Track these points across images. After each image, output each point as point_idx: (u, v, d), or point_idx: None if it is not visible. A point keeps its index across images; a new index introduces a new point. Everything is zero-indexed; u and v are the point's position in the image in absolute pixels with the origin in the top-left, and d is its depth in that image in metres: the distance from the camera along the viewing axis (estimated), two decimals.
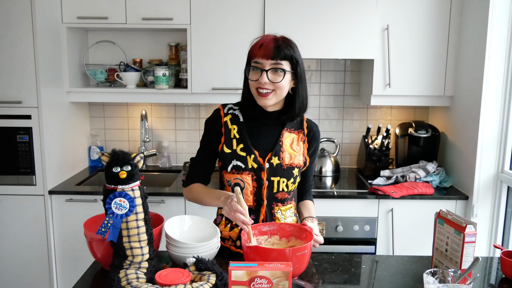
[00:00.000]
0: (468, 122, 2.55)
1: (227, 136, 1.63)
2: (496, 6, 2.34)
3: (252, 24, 2.64)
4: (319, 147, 1.77)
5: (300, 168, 1.67)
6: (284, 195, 1.65)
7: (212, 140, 1.66)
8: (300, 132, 1.67)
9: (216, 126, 1.65)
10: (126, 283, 1.29)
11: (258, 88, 1.54)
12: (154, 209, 2.06)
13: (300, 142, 1.67)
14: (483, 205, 2.50)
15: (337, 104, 3.12)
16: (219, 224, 1.72)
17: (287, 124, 1.65)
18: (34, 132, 2.49)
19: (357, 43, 2.64)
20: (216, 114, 1.68)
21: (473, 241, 1.37)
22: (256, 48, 1.54)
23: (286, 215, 1.67)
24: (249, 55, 1.58)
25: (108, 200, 1.34)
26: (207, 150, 1.68)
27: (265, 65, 1.52)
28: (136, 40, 3.01)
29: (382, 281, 1.48)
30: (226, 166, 1.62)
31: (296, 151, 1.65)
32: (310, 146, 1.70)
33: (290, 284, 1.15)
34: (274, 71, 1.52)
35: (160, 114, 3.13)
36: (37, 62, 2.43)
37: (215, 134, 1.66)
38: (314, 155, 1.73)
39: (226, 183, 1.65)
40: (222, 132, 1.64)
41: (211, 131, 1.67)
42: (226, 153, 1.62)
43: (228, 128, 1.64)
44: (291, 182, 1.64)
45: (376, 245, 2.61)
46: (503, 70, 2.40)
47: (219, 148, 1.64)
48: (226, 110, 1.67)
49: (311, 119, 1.74)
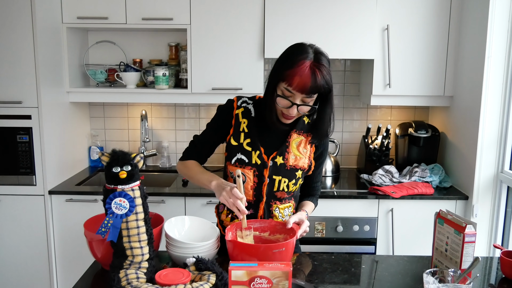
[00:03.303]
0: (468, 122, 2.55)
1: (236, 128, 1.64)
2: (496, 6, 2.34)
3: (252, 24, 2.64)
4: (327, 152, 1.75)
5: (304, 171, 1.66)
6: (284, 195, 1.66)
7: (220, 127, 1.67)
8: (309, 136, 1.67)
9: (227, 116, 1.66)
10: (126, 283, 1.29)
11: (284, 113, 1.53)
12: (154, 209, 2.06)
13: (307, 145, 1.66)
14: (483, 205, 2.51)
15: (337, 104, 3.12)
16: (221, 213, 1.71)
17: (297, 126, 1.65)
18: (34, 132, 2.49)
19: (357, 43, 2.64)
20: (229, 104, 1.67)
21: (473, 241, 1.37)
22: (295, 76, 1.44)
23: (284, 214, 1.68)
24: (282, 72, 1.48)
25: (108, 200, 1.34)
26: (212, 134, 1.69)
27: (296, 98, 1.48)
28: (136, 40, 3.01)
29: (382, 281, 1.48)
30: (230, 158, 1.63)
31: (303, 153, 1.65)
32: (317, 150, 1.69)
33: (290, 284, 1.15)
34: (304, 102, 1.50)
35: (160, 114, 3.13)
36: (37, 62, 2.43)
37: (224, 123, 1.66)
38: (321, 159, 1.72)
39: (229, 174, 1.66)
40: (232, 124, 1.65)
41: (220, 119, 1.68)
42: (233, 145, 1.63)
43: (238, 121, 1.64)
44: (293, 183, 1.64)
45: (376, 245, 2.61)
46: (503, 70, 2.40)
47: (227, 139, 1.65)
48: (240, 103, 1.66)
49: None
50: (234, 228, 1.51)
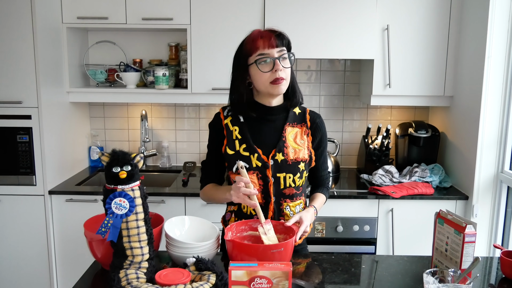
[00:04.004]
0: (468, 122, 2.55)
1: (229, 138, 1.64)
2: (496, 6, 2.34)
3: (252, 24, 2.64)
4: (327, 137, 1.75)
5: (306, 162, 1.65)
6: (292, 191, 1.64)
7: (216, 144, 1.68)
8: (303, 126, 1.67)
9: (218, 130, 1.67)
10: (126, 283, 1.29)
11: (272, 78, 1.54)
12: (154, 209, 2.06)
13: (304, 136, 1.66)
14: (483, 205, 2.51)
15: (337, 104, 3.12)
16: (229, 221, 1.70)
17: (289, 119, 1.65)
18: (34, 132, 2.49)
19: (357, 43, 2.64)
20: (216, 118, 1.69)
21: (473, 241, 1.37)
22: (258, 40, 1.54)
23: (295, 211, 1.66)
24: (247, 51, 1.57)
25: (108, 200, 1.34)
26: (214, 153, 1.70)
27: (273, 54, 1.53)
28: (136, 40, 3.02)
29: (382, 281, 1.48)
30: (231, 167, 1.64)
31: (301, 145, 1.64)
32: (315, 138, 1.68)
33: (290, 284, 1.15)
34: (283, 58, 1.54)
35: (160, 114, 3.13)
36: (37, 62, 2.43)
37: (218, 138, 1.67)
38: (321, 146, 1.71)
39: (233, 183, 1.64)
40: (224, 135, 1.65)
41: (214, 135, 1.69)
42: (230, 155, 1.63)
43: (229, 130, 1.65)
44: (298, 177, 1.63)
45: (376, 245, 2.61)
46: (503, 70, 2.40)
47: (222, 150, 1.65)
48: (226, 113, 1.68)
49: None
50: (234, 227, 1.51)
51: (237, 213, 1.67)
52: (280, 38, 1.55)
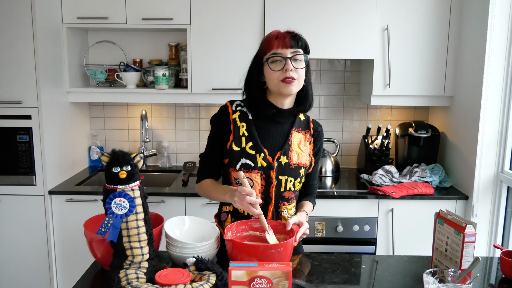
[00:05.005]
0: (468, 122, 2.55)
1: (236, 133, 1.61)
2: (496, 6, 2.34)
3: (252, 24, 2.64)
4: (322, 149, 1.77)
5: (306, 169, 1.66)
6: (291, 195, 1.65)
7: (220, 138, 1.64)
8: (307, 133, 1.68)
9: (224, 124, 1.63)
10: (126, 283, 1.29)
11: (282, 77, 1.54)
12: (154, 209, 2.06)
13: (307, 142, 1.67)
14: (483, 205, 2.51)
15: (337, 104, 3.13)
16: (225, 221, 1.70)
17: (296, 124, 1.66)
18: (34, 132, 2.49)
19: (357, 43, 2.64)
20: (223, 111, 1.65)
21: (473, 241, 1.37)
22: (272, 40, 1.55)
23: (292, 214, 1.67)
24: (262, 51, 1.58)
25: (108, 200, 1.34)
26: (215, 147, 1.66)
27: (286, 54, 1.54)
28: (136, 40, 3.02)
29: (382, 281, 1.48)
30: (234, 164, 1.60)
31: (303, 151, 1.65)
32: (315, 146, 1.70)
33: (290, 284, 1.15)
34: (295, 59, 1.55)
35: (160, 114, 3.13)
36: (37, 62, 2.43)
37: (223, 132, 1.63)
38: (318, 155, 1.73)
39: (234, 181, 1.63)
40: (230, 130, 1.62)
41: (218, 129, 1.65)
42: (235, 151, 1.60)
43: (237, 126, 1.62)
44: (298, 181, 1.64)
45: (376, 245, 2.61)
46: (503, 70, 2.40)
47: (228, 145, 1.62)
48: (234, 107, 1.65)
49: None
50: (234, 227, 1.51)
51: (233, 214, 1.66)
52: (296, 39, 1.56)
